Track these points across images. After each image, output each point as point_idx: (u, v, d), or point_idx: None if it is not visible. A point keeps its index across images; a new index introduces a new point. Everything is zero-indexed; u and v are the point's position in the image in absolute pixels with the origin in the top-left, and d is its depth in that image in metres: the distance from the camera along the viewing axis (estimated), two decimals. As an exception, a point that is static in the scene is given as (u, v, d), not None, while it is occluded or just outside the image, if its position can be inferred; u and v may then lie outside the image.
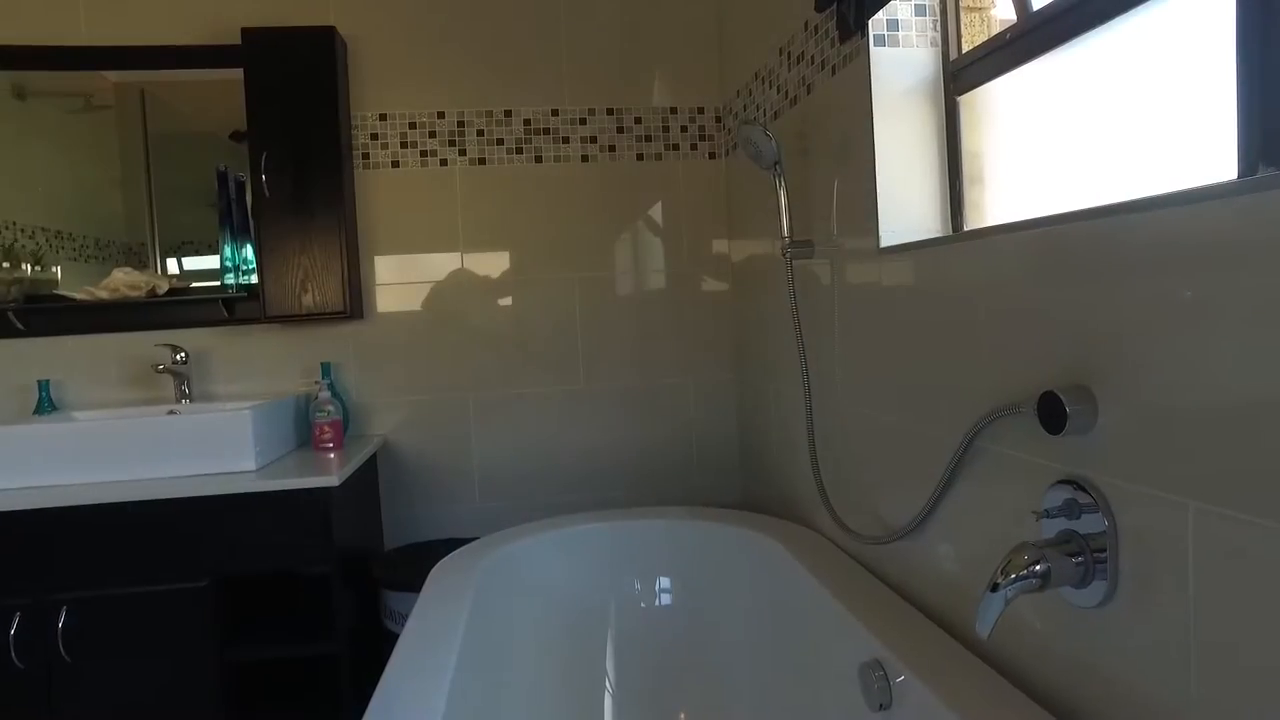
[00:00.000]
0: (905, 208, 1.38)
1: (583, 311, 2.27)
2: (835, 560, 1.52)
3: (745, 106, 2.08)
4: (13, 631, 1.64)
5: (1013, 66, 1.19)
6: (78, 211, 2.19)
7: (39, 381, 2.04)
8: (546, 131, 2.25)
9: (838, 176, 1.54)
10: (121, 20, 2.12)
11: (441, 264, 2.23)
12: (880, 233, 1.38)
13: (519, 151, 2.24)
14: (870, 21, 1.37)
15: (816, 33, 1.59)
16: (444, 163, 2.22)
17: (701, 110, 2.30)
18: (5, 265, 2.02)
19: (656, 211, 2.30)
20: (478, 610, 1.45)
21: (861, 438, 1.49)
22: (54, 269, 2.13)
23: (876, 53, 1.37)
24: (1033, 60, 1.14)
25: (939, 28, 1.37)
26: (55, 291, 2.08)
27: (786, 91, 1.78)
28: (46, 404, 2.04)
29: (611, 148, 2.27)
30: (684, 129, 2.30)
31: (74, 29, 2.11)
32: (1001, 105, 1.28)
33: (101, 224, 2.20)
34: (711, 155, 2.31)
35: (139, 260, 2.17)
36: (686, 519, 1.85)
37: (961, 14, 1.35)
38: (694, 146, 2.30)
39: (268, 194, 2.03)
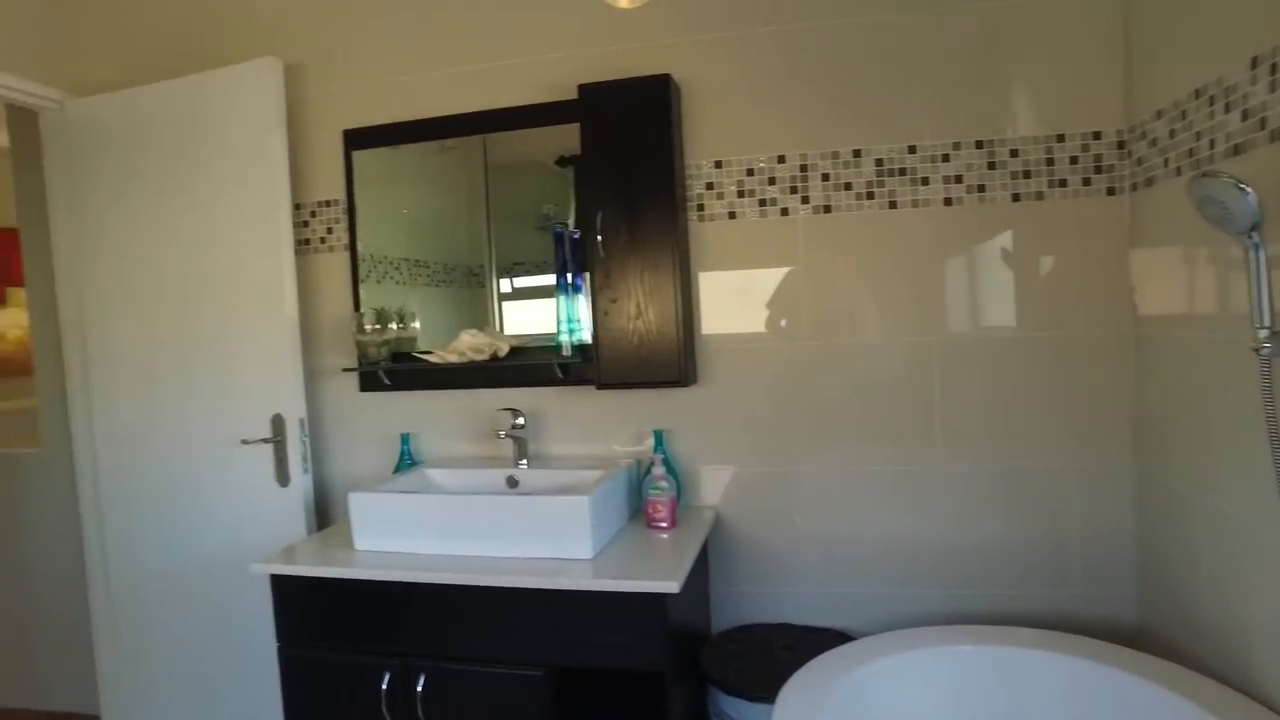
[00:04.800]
0: None
1: (942, 380, 1.96)
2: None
3: (1173, 132, 1.62)
4: (384, 687, 1.74)
5: None
6: (430, 241, 2.35)
7: (401, 435, 2.19)
8: (902, 172, 1.95)
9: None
10: (471, 88, 2.20)
11: (781, 325, 2.04)
12: None
13: (870, 196, 1.97)
14: None
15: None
16: (785, 212, 2.02)
17: (1097, 135, 1.86)
18: (378, 327, 2.17)
19: (1036, 262, 1.91)
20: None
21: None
22: (414, 324, 2.27)
23: None
24: None
25: None
26: (415, 351, 2.20)
27: (1263, 119, 1.33)
28: (407, 457, 2.17)
29: (980, 187, 1.92)
30: (1073, 160, 1.87)
31: (435, 102, 2.22)
32: None
33: (448, 250, 2.34)
34: (1110, 191, 1.86)
35: (478, 281, 2.27)
36: (1100, 661, 1.49)
37: None
38: (1086, 181, 1.87)
39: (603, 254, 1.98)
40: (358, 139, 2.28)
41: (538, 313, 2.24)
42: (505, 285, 2.26)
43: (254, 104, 2.18)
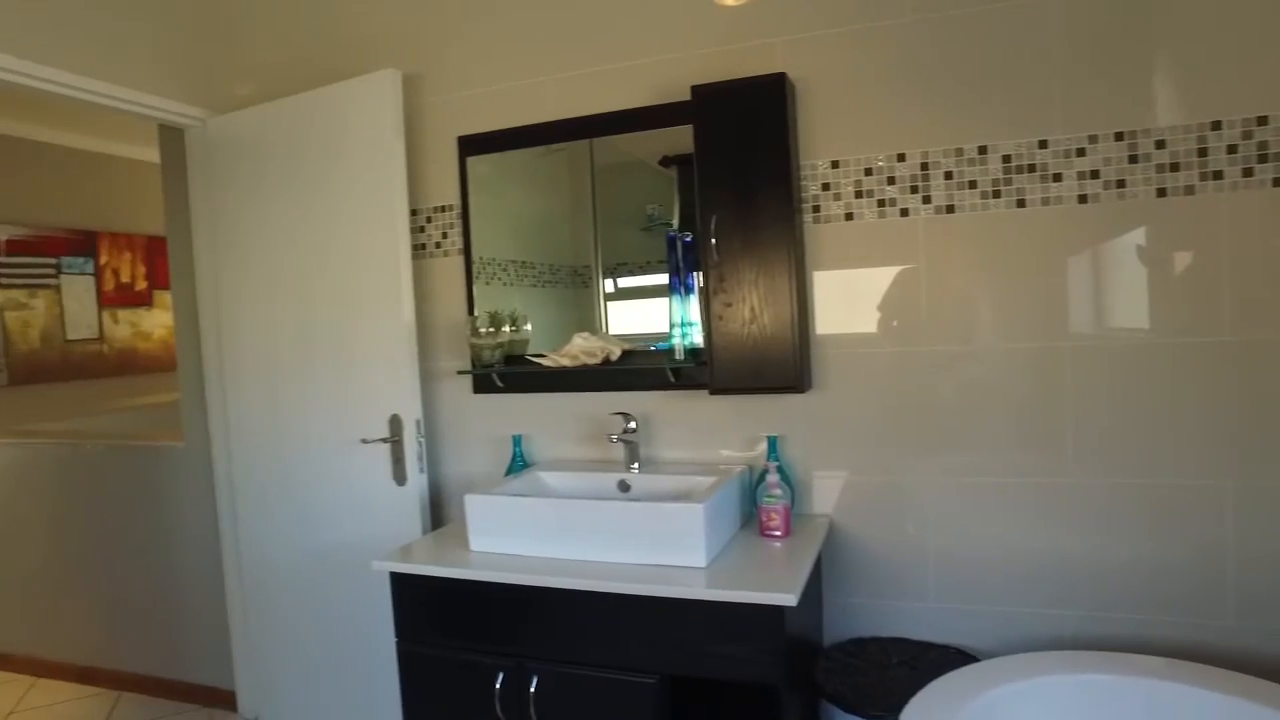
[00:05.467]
0: None
1: (1075, 388, 1.84)
2: None
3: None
4: (498, 686, 1.77)
5: None
6: (535, 242, 2.38)
7: (513, 436, 2.23)
8: (1031, 169, 1.84)
9: None
10: (582, 92, 2.21)
11: (899, 329, 1.96)
12: None
13: (996, 195, 1.87)
14: None
15: None
16: (904, 212, 1.94)
17: (1263, 120, 1.70)
18: (491, 330, 2.21)
19: (1183, 262, 1.77)
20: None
21: None
22: (526, 327, 2.30)
23: None
24: None
25: None
26: (527, 354, 2.23)
27: None
28: (519, 458, 2.21)
29: (1120, 183, 1.79)
30: (1231, 149, 1.72)
31: (546, 107, 2.25)
32: None
33: (553, 251, 2.37)
34: (1277, 182, 1.70)
35: (583, 281, 2.29)
36: (1261, 702, 1.37)
37: None
38: (1248, 172, 1.71)
39: (717, 258, 1.95)
40: (471, 145, 2.33)
41: (642, 313, 2.24)
42: (608, 285, 2.27)
43: (374, 114, 2.25)
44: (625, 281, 2.27)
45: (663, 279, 2.16)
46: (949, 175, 1.90)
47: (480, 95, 2.32)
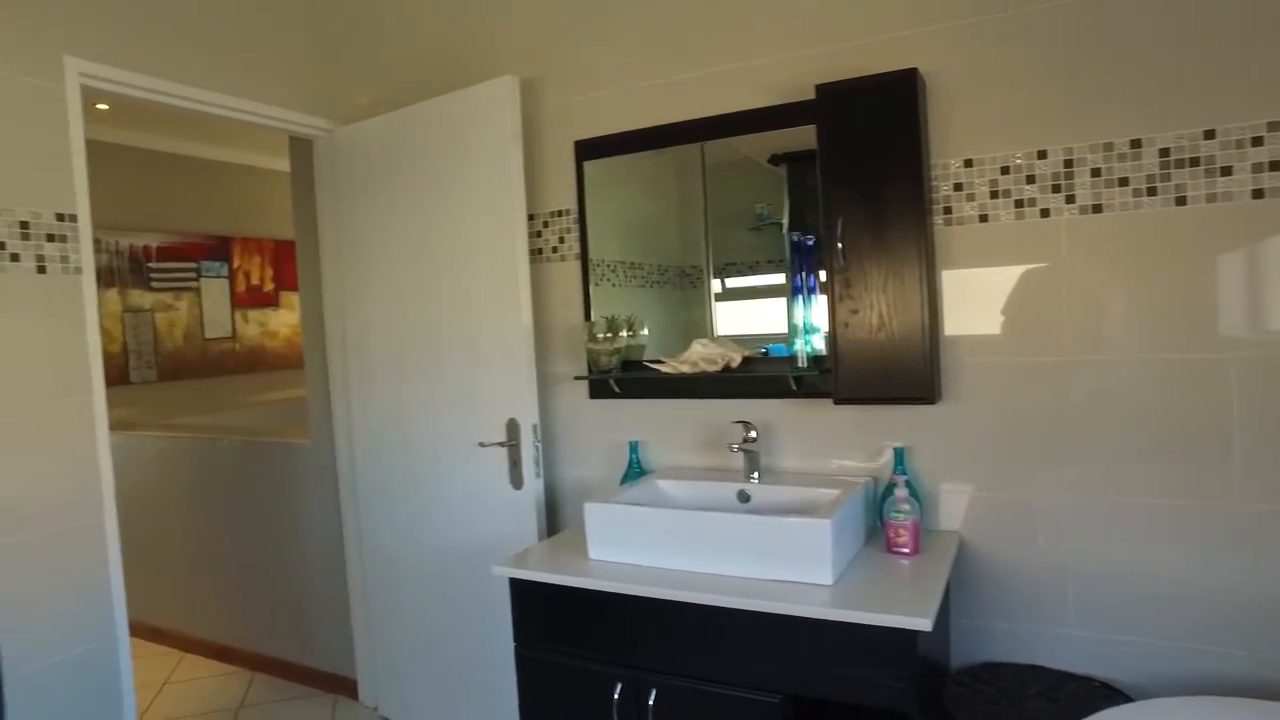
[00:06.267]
0: None
1: (1242, 404, 1.68)
2: None
3: None
4: (616, 697, 1.77)
5: None
6: (643, 242, 2.37)
7: (630, 443, 2.22)
8: (1194, 162, 1.69)
9: None
10: (700, 93, 2.17)
11: (1035, 337, 1.84)
12: None
13: (1151, 192, 1.73)
14: None
15: None
16: (1045, 213, 1.82)
17: None
18: (609, 335, 2.20)
19: (1376, 264, 1.58)
20: None
21: None
22: (643, 332, 2.28)
23: None
24: None
25: None
26: (644, 360, 2.22)
27: None
28: (635, 465, 2.19)
29: (1302, 175, 1.62)
30: None
31: (664, 110, 2.22)
32: None
33: (661, 252, 2.36)
34: None
35: (690, 282, 2.28)
36: None
37: None
38: None
39: (843, 263, 1.88)
40: (589, 149, 2.33)
41: (751, 313, 2.21)
42: (716, 285, 2.24)
43: (493, 121, 2.28)
44: (733, 282, 2.24)
45: (772, 279, 2.13)
46: (1096, 172, 1.76)
47: (596, 99, 2.32)
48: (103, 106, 3.46)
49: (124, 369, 4.25)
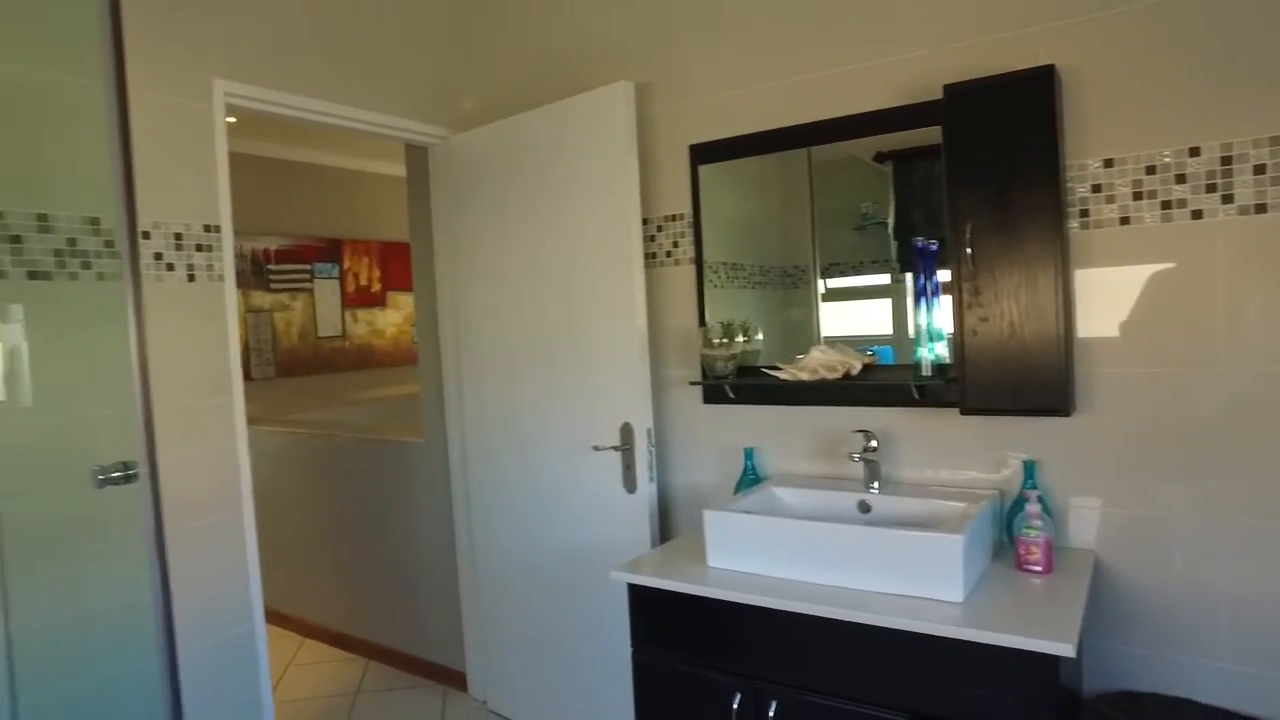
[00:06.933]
0: None
1: None
2: None
3: None
4: (735, 706, 1.76)
5: None
6: (744, 243, 2.35)
7: (745, 449, 2.20)
8: (1373, 158, 1.56)
9: None
10: (816, 96, 2.14)
11: (1182, 347, 1.74)
12: None
13: (1324, 192, 1.60)
14: None
15: None
16: (1197, 214, 1.71)
17: None
18: (725, 341, 2.19)
19: None
20: None
21: None
22: (758, 337, 2.27)
23: None
24: None
25: None
26: (759, 366, 2.20)
27: None
28: (750, 471, 2.18)
29: None
30: None
31: (780, 113, 2.19)
32: None
33: (763, 252, 2.34)
34: None
35: (793, 282, 2.26)
36: None
37: None
38: None
39: (971, 269, 1.81)
40: (703, 153, 2.32)
41: (853, 314, 2.18)
42: (820, 286, 2.21)
43: (608, 126, 2.30)
44: (834, 282, 2.20)
45: (875, 280, 2.11)
46: (1260, 169, 1.65)
47: (709, 102, 2.31)
48: (231, 120, 3.65)
49: (246, 366, 4.49)
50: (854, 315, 2.19)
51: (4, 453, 1.73)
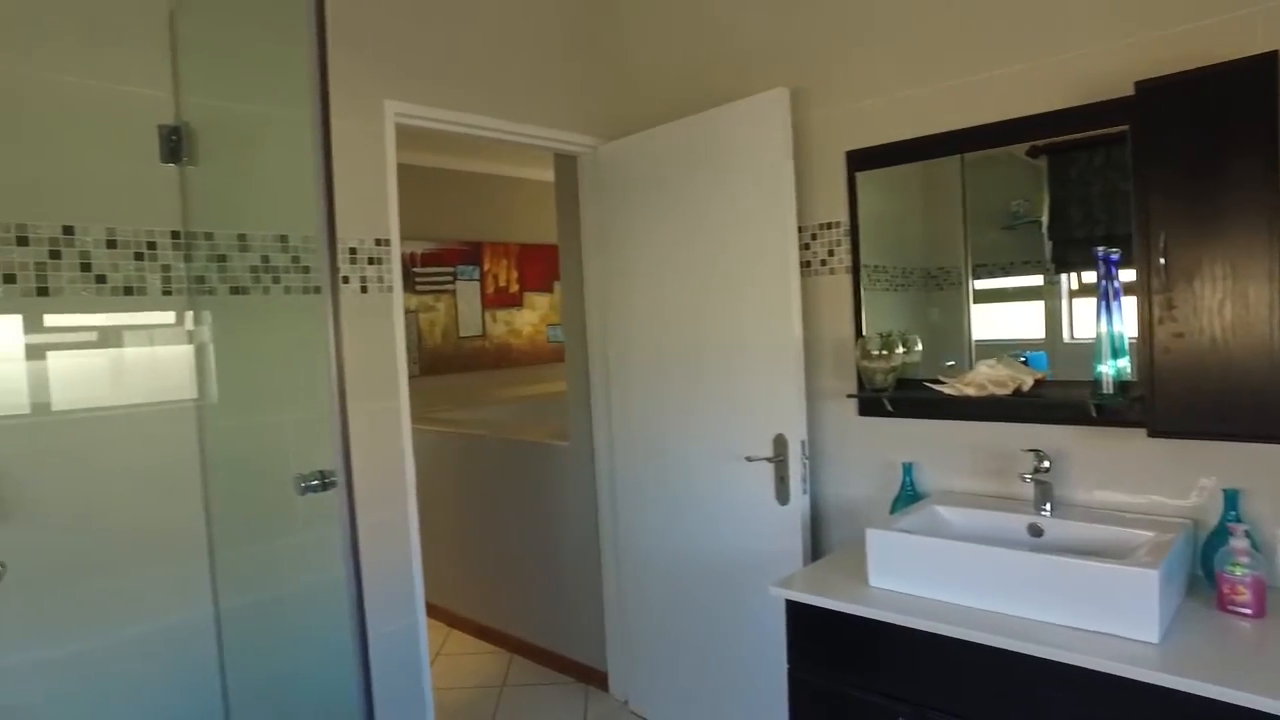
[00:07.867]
0: None
1: None
2: None
3: None
4: (894, 730, 1.71)
5: None
6: (885, 244, 2.27)
7: (904, 464, 2.13)
8: None
9: None
10: (979, 98, 2.04)
11: None
12: None
13: None
14: None
15: None
16: None
17: None
18: (883, 353, 2.13)
19: None
20: None
21: None
22: (917, 348, 2.19)
23: None
24: None
25: None
26: (919, 378, 2.12)
27: None
28: (909, 487, 2.11)
29: None
30: None
31: (941, 116, 2.10)
32: None
33: (905, 253, 2.26)
34: None
35: (936, 284, 2.19)
36: None
37: None
38: None
39: (1164, 280, 1.68)
40: (861, 160, 2.25)
41: (1001, 317, 2.10)
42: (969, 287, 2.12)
43: (762, 134, 2.27)
44: (981, 284, 2.11)
45: (1025, 281, 2.03)
46: None
47: (867, 108, 2.24)
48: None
49: (397, 366, 4.73)
50: (1003, 318, 2.10)
51: (212, 454, 1.89)
